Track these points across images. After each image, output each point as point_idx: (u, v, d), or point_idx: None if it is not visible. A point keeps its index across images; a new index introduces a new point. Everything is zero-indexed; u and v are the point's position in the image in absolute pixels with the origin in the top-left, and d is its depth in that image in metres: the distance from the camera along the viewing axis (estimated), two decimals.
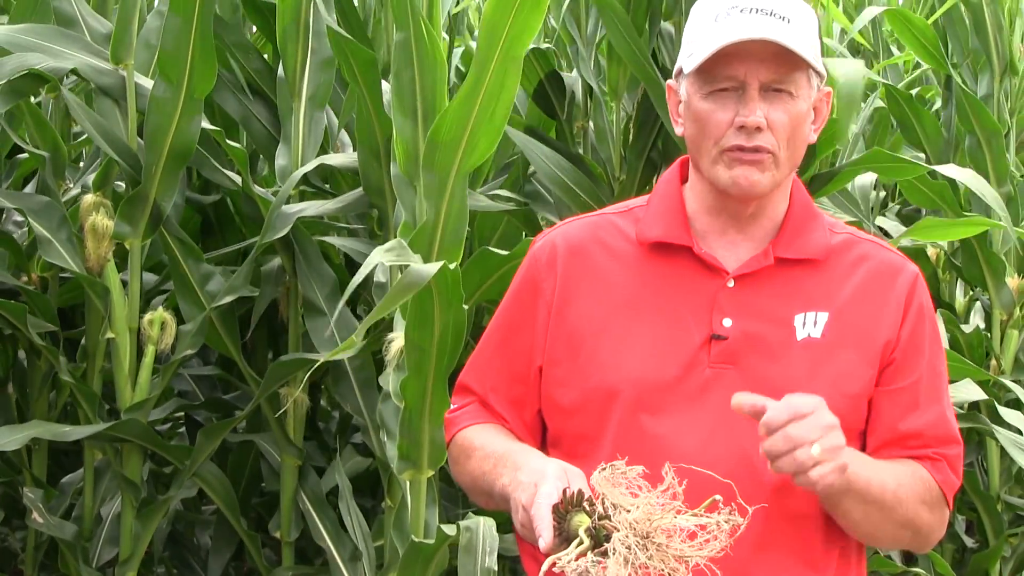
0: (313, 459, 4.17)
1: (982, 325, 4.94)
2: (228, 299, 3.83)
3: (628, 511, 1.68)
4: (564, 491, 1.75)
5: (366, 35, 3.76)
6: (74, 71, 3.71)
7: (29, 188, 4.40)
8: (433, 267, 2.74)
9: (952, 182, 4.65)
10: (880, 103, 5.26)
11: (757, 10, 2.02)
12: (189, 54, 3.59)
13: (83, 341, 4.09)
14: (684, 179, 2.20)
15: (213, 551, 4.39)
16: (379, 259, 2.84)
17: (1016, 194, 4.82)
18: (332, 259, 4.14)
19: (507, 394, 2.21)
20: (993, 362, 4.71)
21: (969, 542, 5.06)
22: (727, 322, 2.07)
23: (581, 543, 1.69)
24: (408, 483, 3.29)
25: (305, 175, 3.87)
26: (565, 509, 1.74)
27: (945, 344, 4.41)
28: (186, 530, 4.82)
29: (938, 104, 5.63)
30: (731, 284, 2.10)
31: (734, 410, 1.87)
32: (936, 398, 2.13)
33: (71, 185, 4.28)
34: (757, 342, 2.07)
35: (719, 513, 1.72)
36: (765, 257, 2.11)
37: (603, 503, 1.72)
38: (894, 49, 6.30)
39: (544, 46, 4.29)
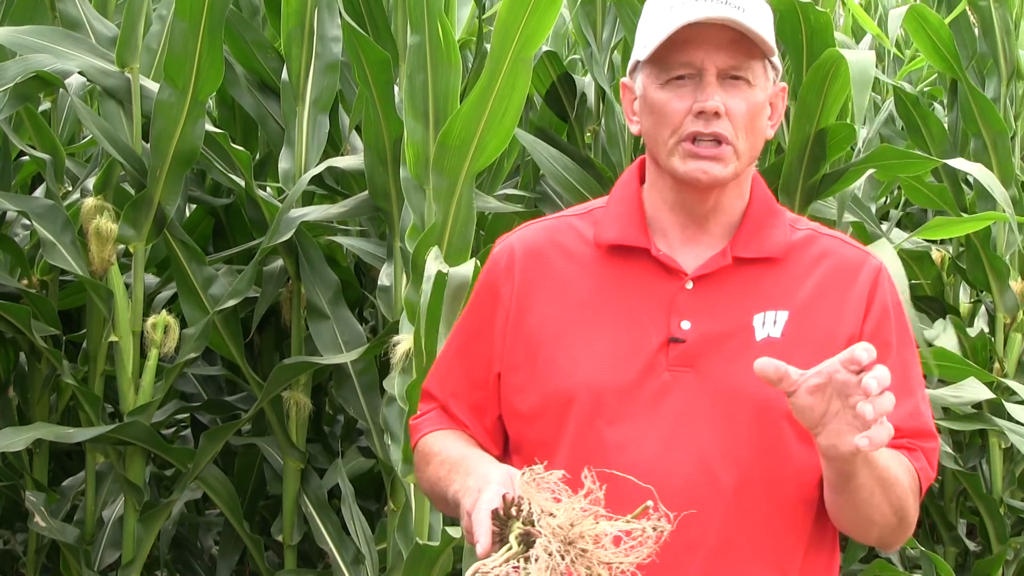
0: (317, 462, 4.17)
1: (986, 329, 4.95)
2: (231, 303, 3.83)
3: (553, 516, 1.66)
4: (504, 497, 1.72)
5: (389, 32, 3.74)
6: (81, 73, 3.69)
7: (37, 192, 4.39)
8: (468, 267, 2.74)
9: (954, 184, 4.65)
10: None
11: None
12: (196, 59, 3.58)
13: (85, 344, 4.08)
14: (643, 180, 2.17)
15: (221, 554, 4.39)
16: (435, 269, 2.83)
17: (1021, 197, 4.83)
18: (339, 261, 4.13)
19: (468, 400, 2.19)
20: (996, 365, 4.71)
21: (972, 546, 5.06)
22: (685, 324, 2.04)
23: (510, 549, 1.69)
24: (412, 486, 3.29)
25: (317, 176, 3.86)
26: (505, 515, 1.72)
27: (955, 347, 4.42)
28: (190, 533, 4.82)
29: (939, 110, 5.63)
30: (689, 286, 2.06)
31: (757, 374, 1.80)
32: (908, 392, 2.07)
33: (70, 188, 4.27)
34: (716, 344, 2.03)
35: (647, 519, 1.69)
36: (723, 257, 2.07)
37: (529, 508, 1.69)
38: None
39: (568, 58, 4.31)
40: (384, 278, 3.70)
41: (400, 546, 3.43)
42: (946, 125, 5.03)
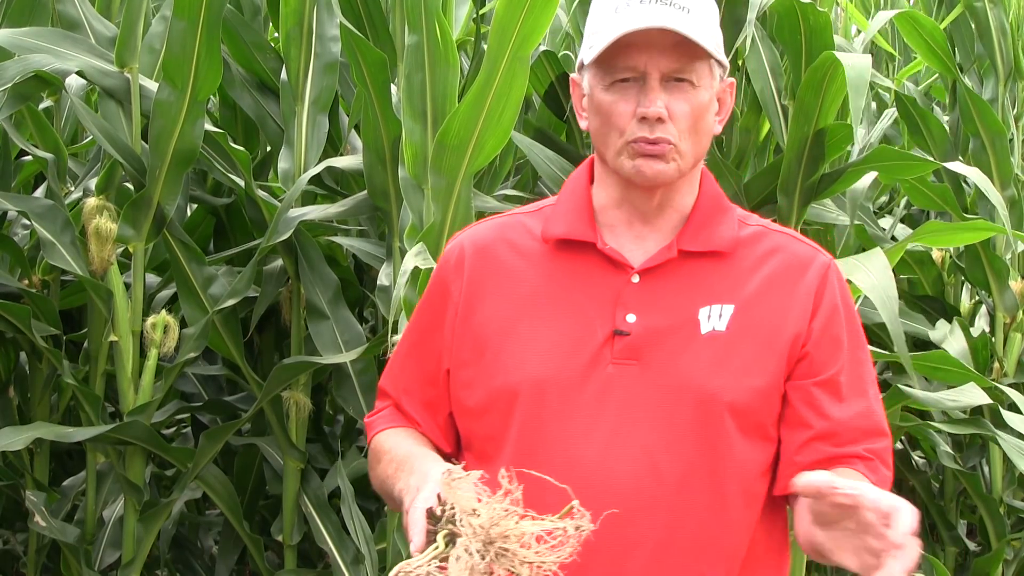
0: (317, 462, 4.17)
1: (987, 329, 4.95)
2: (231, 302, 3.83)
3: (476, 515, 1.67)
4: (439, 496, 1.73)
5: (387, 32, 3.75)
6: (80, 74, 3.70)
7: (38, 192, 4.40)
8: None
9: (956, 184, 4.65)
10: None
11: (657, 0, 2.00)
12: (194, 58, 3.59)
13: (85, 344, 4.09)
14: (593, 177, 2.19)
15: (220, 554, 4.39)
16: (412, 264, 2.83)
17: (1020, 197, 4.83)
18: (339, 261, 4.14)
19: (420, 397, 2.21)
20: (996, 365, 4.71)
21: (971, 545, 5.06)
22: (631, 317, 2.05)
23: (436, 548, 1.70)
24: None
25: (316, 176, 3.87)
26: (441, 514, 1.73)
27: (962, 349, 4.41)
28: (190, 533, 4.82)
29: (939, 111, 5.63)
30: (636, 279, 2.07)
31: (801, 492, 1.80)
32: (860, 391, 2.08)
33: (72, 188, 4.27)
34: (660, 337, 2.04)
35: (571, 519, 1.70)
36: (669, 250, 2.08)
37: (451, 508, 1.71)
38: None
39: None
40: (383, 278, 3.70)
41: (400, 546, 3.43)
42: (947, 125, 5.04)
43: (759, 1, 3.49)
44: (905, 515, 1.73)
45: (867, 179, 3.89)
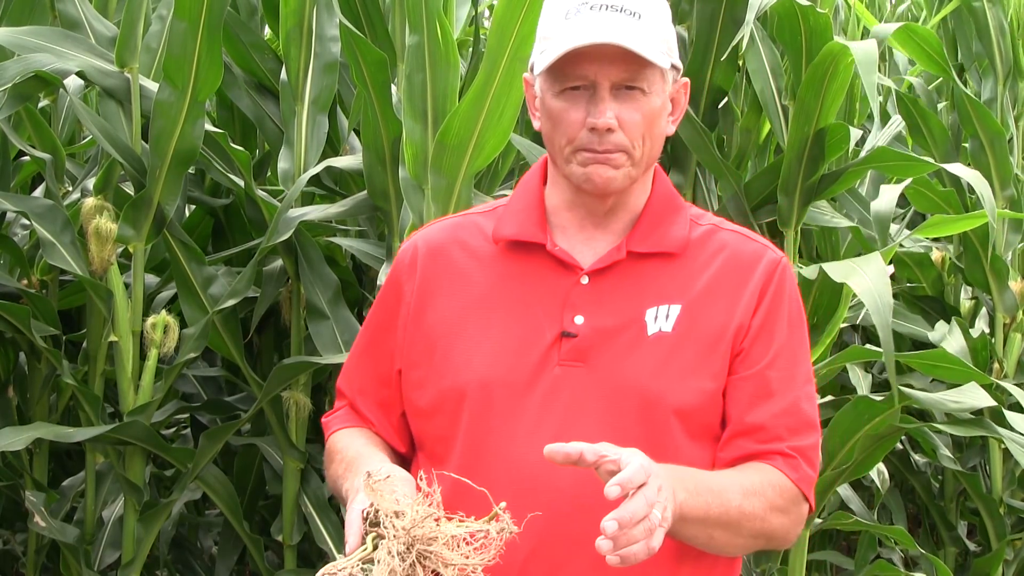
0: (317, 462, 4.16)
1: (986, 329, 4.95)
2: (231, 303, 3.83)
3: (398, 517, 1.69)
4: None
5: (387, 32, 3.74)
6: (79, 74, 3.69)
7: (37, 192, 4.39)
8: None
9: (959, 184, 4.64)
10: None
11: (607, 7, 2.00)
12: (195, 58, 3.58)
13: (85, 344, 4.08)
14: (546, 179, 2.19)
15: (220, 554, 4.39)
16: None
17: (1020, 197, 4.83)
18: (339, 261, 4.13)
19: (374, 397, 2.21)
20: (996, 365, 4.71)
21: (971, 546, 5.06)
22: (579, 319, 2.05)
23: (365, 549, 1.70)
24: None
25: (315, 176, 3.87)
26: (373, 516, 1.75)
27: (961, 349, 4.41)
28: (190, 533, 4.82)
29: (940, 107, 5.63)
30: (585, 280, 2.08)
31: (547, 457, 1.80)
32: (789, 386, 2.08)
33: (70, 189, 4.27)
34: (607, 338, 2.04)
35: (497, 522, 1.72)
36: (619, 251, 2.09)
37: (377, 511, 1.73)
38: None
39: None
40: (383, 278, 3.70)
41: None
42: (948, 125, 5.04)
43: (758, 2, 3.49)
44: (627, 472, 1.74)
45: (892, 195, 3.88)
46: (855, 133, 3.89)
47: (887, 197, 3.89)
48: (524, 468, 1.96)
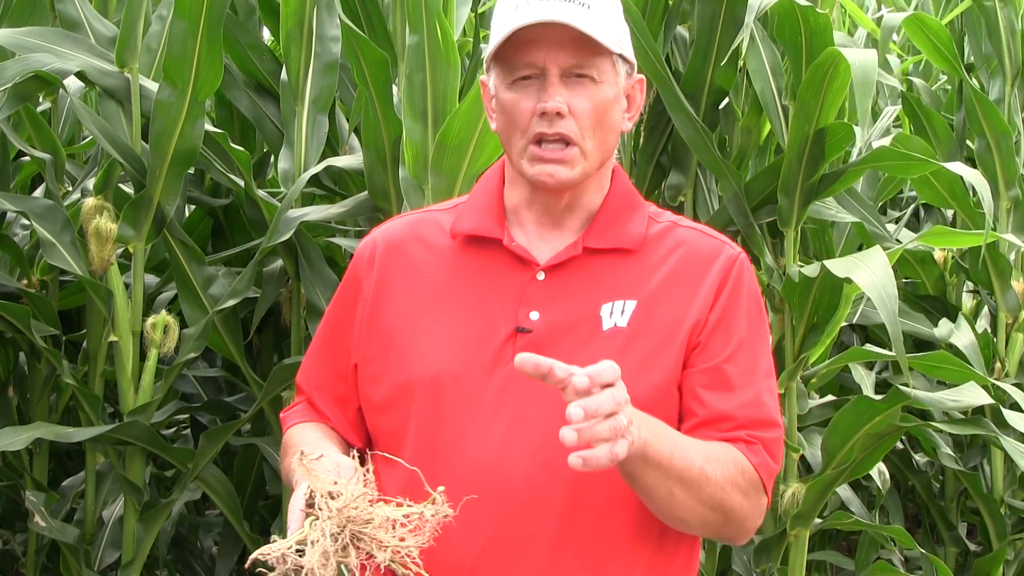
0: None
1: (988, 328, 4.94)
2: (231, 303, 3.83)
3: (332, 498, 1.69)
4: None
5: (386, 32, 3.75)
6: (79, 74, 3.69)
7: (37, 193, 4.39)
8: None
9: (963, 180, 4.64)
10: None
11: None
12: (195, 59, 3.58)
13: (85, 344, 4.08)
14: (505, 177, 2.20)
15: (220, 554, 4.39)
16: None
17: None
18: (339, 262, 4.13)
19: (331, 392, 2.22)
20: (998, 365, 4.71)
21: (972, 546, 5.06)
22: (534, 315, 2.05)
23: (302, 532, 1.71)
24: None
25: (315, 177, 3.87)
26: (311, 497, 1.75)
27: (970, 345, 4.40)
28: (190, 533, 4.81)
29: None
30: (541, 276, 2.08)
31: (517, 369, 1.77)
32: (750, 380, 2.08)
33: (70, 189, 4.27)
34: (562, 334, 2.05)
35: (431, 505, 1.72)
36: (575, 248, 2.09)
37: (312, 492, 1.73)
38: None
39: None
40: None
41: None
42: (954, 124, 5.03)
43: (757, 3, 3.48)
44: (596, 367, 1.74)
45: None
46: (859, 132, 3.89)
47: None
48: (477, 464, 1.96)
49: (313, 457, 1.77)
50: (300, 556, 1.67)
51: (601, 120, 2.05)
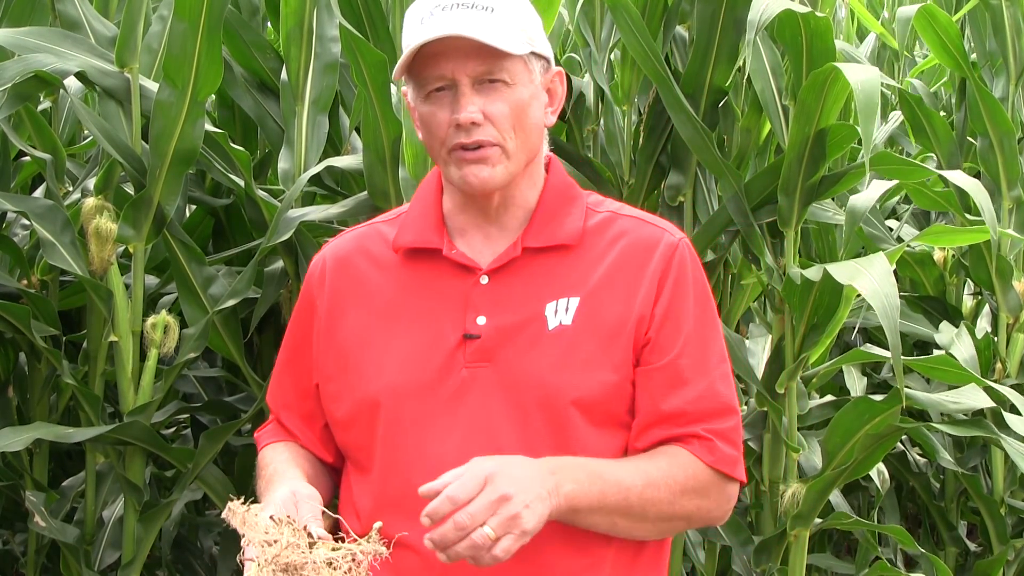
0: None
1: (989, 329, 4.93)
2: (231, 303, 3.83)
3: (268, 546, 1.73)
4: (271, 518, 1.78)
5: (388, 31, 3.74)
6: (79, 74, 3.69)
7: (37, 193, 4.39)
8: None
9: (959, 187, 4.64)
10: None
11: (458, 5, 2.01)
12: (195, 59, 3.58)
13: (85, 344, 4.08)
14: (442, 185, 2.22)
15: (221, 554, 4.39)
16: None
17: None
18: None
19: (297, 411, 2.25)
20: (999, 366, 4.70)
21: (972, 546, 5.05)
22: (481, 320, 2.07)
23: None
24: None
25: (316, 176, 3.86)
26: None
27: (970, 354, 4.39)
28: (190, 533, 4.81)
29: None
30: (484, 280, 2.09)
31: (422, 496, 1.85)
32: (703, 371, 2.09)
33: (70, 189, 4.27)
34: (510, 336, 2.06)
35: (368, 541, 1.75)
36: (514, 249, 2.11)
37: (247, 540, 1.77)
38: (917, 55, 6.31)
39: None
40: None
41: None
42: (953, 124, 5.02)
43: (757, 18, 3.47)
44: (433, 510, 1.80)
45: (874, 192, 3.87)
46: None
47: (871, 194, 3.86)
48: (438, 471, 1.97)
49: (243, 508, 1.79)
50: None
51: (520, 121, 2.06)
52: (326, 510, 1.96)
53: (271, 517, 1.77)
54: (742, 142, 4.05)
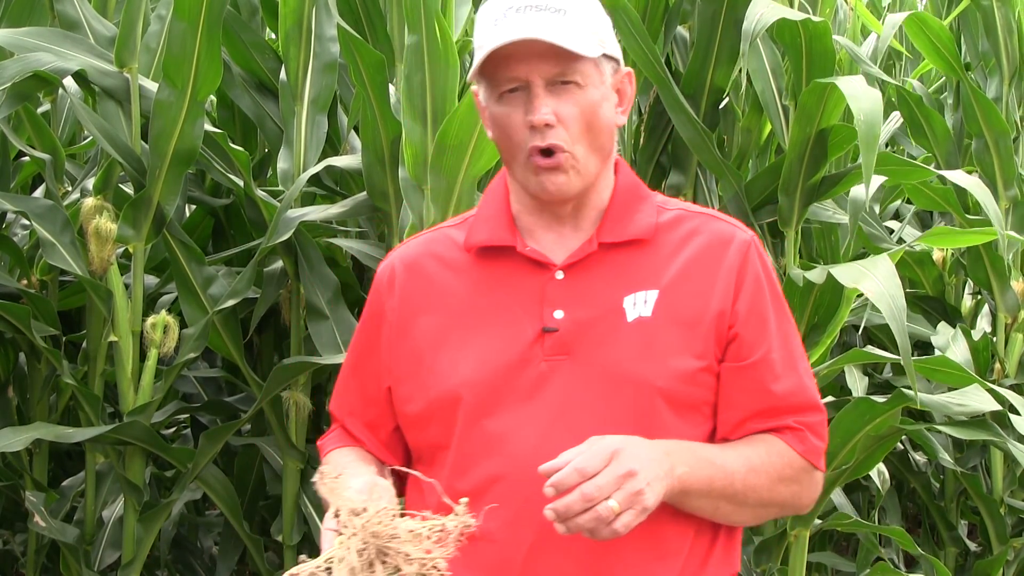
0: (317, 462, 4.15)
1: (988, 329, 4.94)
2: (231, 303, 3.82)
3: (356, 515, 1.71)
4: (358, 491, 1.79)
5: (386, 31, 3.75)
6: (79, 73, 3.69)
7: (37, 193, 4.39)
8: None
9: (960, 186, 4.64)
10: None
11: (530, 7, 2.02)
12: (194, 58, 3.58)
13: (85, 344, 4.08)
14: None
15: (220, 554, 4.39)
16: None
17: (1023, 198, 4.81)
18: (339, 262, 4.13)
19: (363, 417, 2.25)
20: (997, 366, 4.70)
21: (972, 546, 5.05)
22: (558, 314, 2.08)
23: (332, 551, 1.72)
24: None
25: (316, 176, 3.86)
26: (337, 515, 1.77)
27: (965, 357, 4.39)
28: (190, 533, 4.81)
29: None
30: (560, 276, 2.10)
31: (542, 473, 1.85)
32: (791, 366, 2.12)
33: (70, 189, 4.27)
34: (588, 329, 2.07)
35: (456, 516, 1.73)
36: (590, 244, 2.12)
37: (338, 513, 1.75)
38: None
39: None
40: None
41: None
42: (951, 125, 5.02)
43: (752, 28, 3.46)
44: (560, 479, 1.81)
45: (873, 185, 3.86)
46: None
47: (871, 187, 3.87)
48: (521, 462, 1.98)
49: (333, 476, 1.78)
50: (329, 574, 1.68)
51: (591, 123, 2.06)
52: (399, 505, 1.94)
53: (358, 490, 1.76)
54: (742, 142, 4.05)
